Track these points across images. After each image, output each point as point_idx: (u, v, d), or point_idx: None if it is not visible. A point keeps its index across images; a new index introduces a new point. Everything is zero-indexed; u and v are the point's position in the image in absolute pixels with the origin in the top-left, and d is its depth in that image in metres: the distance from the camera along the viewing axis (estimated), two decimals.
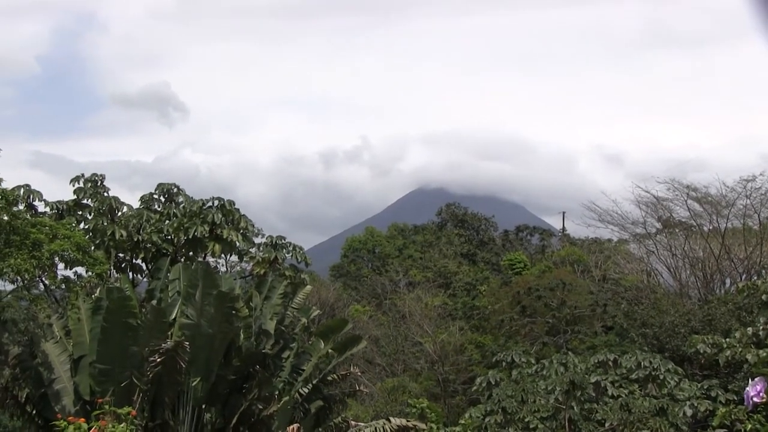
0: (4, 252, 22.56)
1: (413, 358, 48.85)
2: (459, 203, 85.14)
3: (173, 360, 20.20)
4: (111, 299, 21.32)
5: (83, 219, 30.88)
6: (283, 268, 31.41)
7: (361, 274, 74.00)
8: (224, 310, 21.42)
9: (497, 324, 48.74)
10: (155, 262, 28.09)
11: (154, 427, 21.27)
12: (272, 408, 21.44)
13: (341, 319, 29.05)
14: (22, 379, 23.60)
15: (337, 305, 53.99)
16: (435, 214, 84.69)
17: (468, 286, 62.64)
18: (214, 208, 31.24)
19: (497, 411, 22.44)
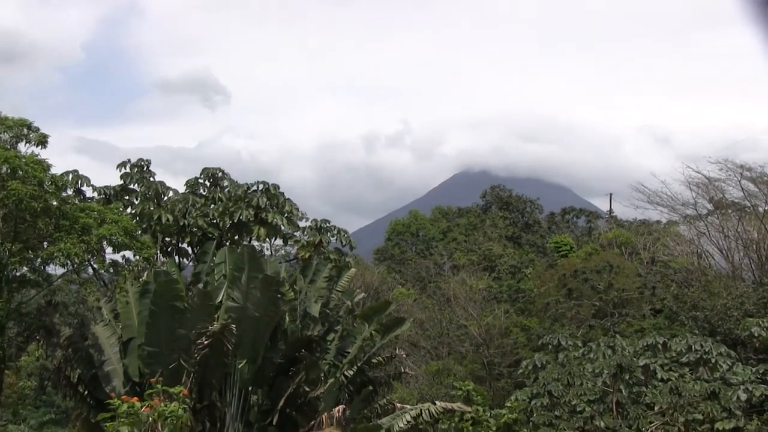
0: (55, 236, 22.86)
1: (458, 341, 48.68)
2: (503, 186, 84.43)
3: (220, 342, 20.28)
4: (158, 283, 21.46)
5: (130, 204, 31.16)
6: (327, 252, 31.41)
7: (405, 258, 73.88)
8: (270, 294, 21.45)
9: (543, 307, 48.36)
10: (201, 246, 28.25)
11: (202, 409, 21.41)
12: (319, 390, 21.46)
13: (385, 302, 28.95)
14: (73, 360, 23.91)
15: (381, 289, 53.95)
16: (479, 197, 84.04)
17: (513, 269, 62.26)
18: (259, 192, 31.32)
19: (543, 394, 22.29)
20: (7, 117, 23.52)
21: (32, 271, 24.19)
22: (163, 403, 12.40)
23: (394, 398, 29.27)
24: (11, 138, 23.38)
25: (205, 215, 30.43)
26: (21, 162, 22.23)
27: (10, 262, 23.18)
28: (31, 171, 22.25)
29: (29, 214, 22.49)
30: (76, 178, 29.60)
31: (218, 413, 21.52)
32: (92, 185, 30.83)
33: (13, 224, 22.89)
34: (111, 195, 31.10)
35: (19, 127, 23.46)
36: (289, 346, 22.23)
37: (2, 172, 22.17)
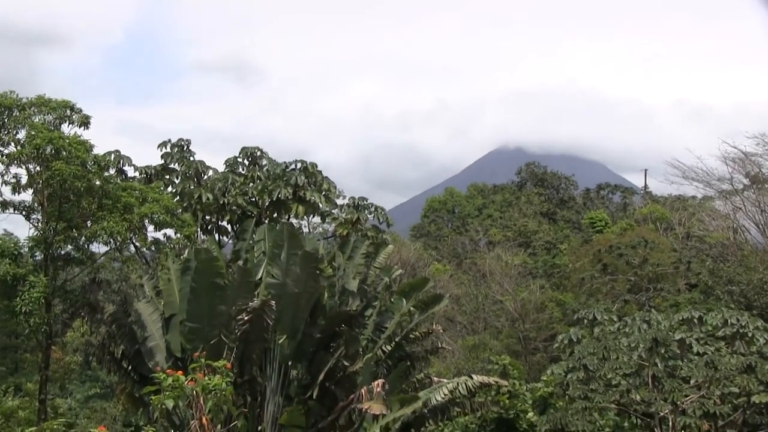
0: (98, 215, 23.08)
1: (494, 316, 48.65)
2: (538, 162, 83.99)
3: (260, 318, 20.39)
4: (199, 260, 21.59)
5: (171, 183, 31.37)
6: (365, 229, 31.42)
7: (441, 234, 73.87)
8: (309, 270, 21.51)
9: (578, 282, 48.12)
10: (240, 224, 28.38)
11: (243, 383, 21.57)
12: (357, 365, 21.52)
13: (422, 278, 28.90)
14: (117, 336, 24.18)
15: (417, 265, 53.98)
16: (514, 174, 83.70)
17: (548, 245, 62.02)
18: (297, 170, 31.35)
19: (579, 368, 22.12)
20: (50, 99, 23.70)
21: (76, 250, 24.40)
22: (206, 377, 12.49)
23: (431, 372, 29.31)
24: (55, 119, 23.57)
25: (244, 194, 30.55)
26: (65, 143, 22.43)
27: (55, 240, 23.42)
28: (74, 151, 22.44)
29: (73, 193, 22.71)
30: (118, 158, 29.84)
31: (259, 388, 21.69)
32: (133, 165, 31.08)
33: (57, 204, 23.12)
34: (152, 174, 31.34)
35: (62, 108, 23.64)
36: (328, 321, 22.30)
37: (47, 153, 22.38)
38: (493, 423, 25.91)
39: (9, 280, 21.90)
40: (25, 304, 21.46)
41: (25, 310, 21.53)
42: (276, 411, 21.29)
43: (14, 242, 23.07)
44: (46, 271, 23.04)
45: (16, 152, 22.81)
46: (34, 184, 23.22)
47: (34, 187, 23.33)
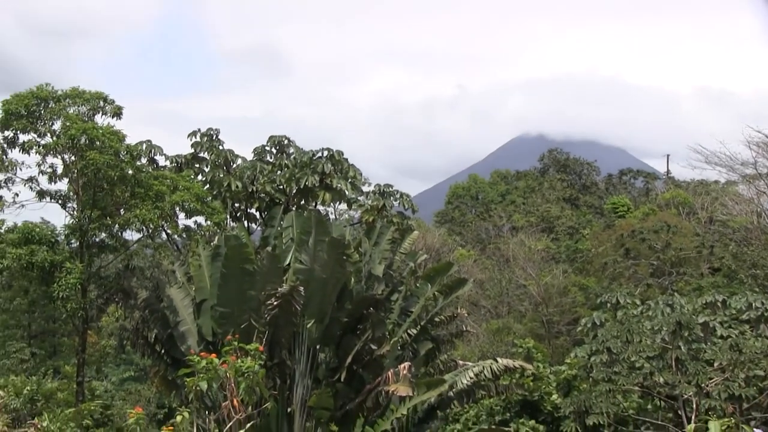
0: (131, 203, 23.27)
1: (517, 300, 48.54)
2: (560, 149, 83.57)
3: (289, 303, 20.43)
4: (229, 246, 21.66)
5: (201, 171, 31.56)
6: (390, 215, 31.44)
7: (465, 220, 73.78)
8: (336, 256, 21.51)
9: (600, 266, 47.84)
10: (269, 211, 28.47)
11: (272, 366, 21.64)
12: (384, 348, 21.50)
13: (447, 263, 28.82)
14: (150, 321, 24.32)
15: (442, 250, 53.91)
16: (537, 160, 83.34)
17: (571, 230, 61.75)
18: (323, 158, 31.43)
19: (602, 351, 22.00)
20: (84, 90, 23.87)
21: (110, 237, 24.63)
22: (239, 359, 12.56)
23: (456, 356, 29.30)
24: (88, 110, 23.75)
25: (272, 181, 30.66)
26: (98, 133, 22.60)
27: (90, 228, 23.65)
28: (107, 141, 22.61)
29: (107, 182, 22.90)
30: (149, 147, 30.07)
31: (288, 371, 21.75)
32: (164, 154, 31.34)
33: (91, 192, 23.34)
34: (182, 163, 31.54)
35: (96, 99, 23.81)
36: (355, 305, 22.31)
37: (81, 143, 22.57)
38: (517, 405, 25.90)
39: (47, 266, 22.16)
40: (62, 290, 21.71)
41: (62, 296, 21.78)
42: (305, 393, 21.36)
43: (51, 230, 23.34)
44: (81, 258, 23.27)
45: (52, 143, 23.03)
46: (70, 173, 23.45)
47: (70, 177, 23.55)
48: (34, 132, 23.36)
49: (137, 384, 45.13)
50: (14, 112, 22.91)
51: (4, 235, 22.63)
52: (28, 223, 23.05)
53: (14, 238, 22.38)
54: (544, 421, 25.43)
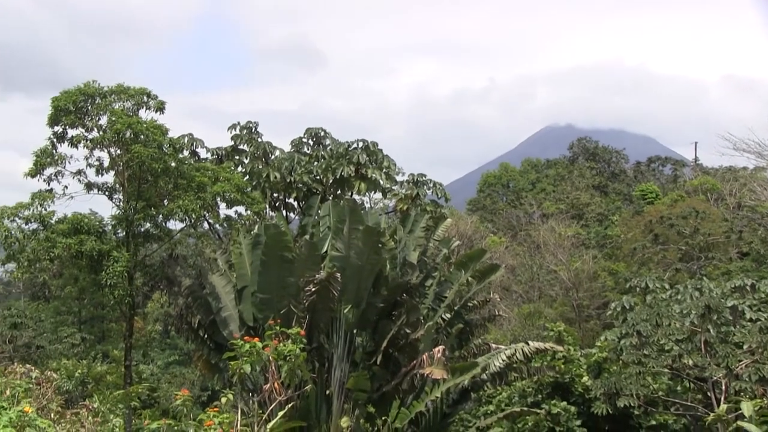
0: (174, 194, 23.46)
1: (548, 285, 48.33)
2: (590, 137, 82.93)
3: (326, 289, 20.50)
4: (268, 235, 21.77)
5: (240, 163, 31.77)
6: (424, 204, 31.43)
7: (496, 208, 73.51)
8: (371, 243, 21.54)
9: (629, 252, 47.47)
10: (306, 201, 28.59)
11: (311, 350, 21.77)
12: (419, 332, 21.52)
13: (480, 249, 28.73)
14: (193, 307, 24.52)
15: (474, 237, 53.76)
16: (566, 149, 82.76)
17: (600, 217, 61.28)
18: (359, 149, 31.49)
19: (632, 334, 21.85)
20: (128, 87, 24.09)
21: (155, 227, 24.84)
22: (281, 343, 12.64)
23: (488, 339, 29.26)
24: (133, 106, 23.97)
25: (309, 172, 30.78)
26: (142, 127, 22.81)
27: (136, 218, 23.88)
28: (151, 135, 22.82)
29: (151, 174, 23.11)
30: (191, 140, 30.33)
31: (326, 354, 21.85)
32: (205, 147, 31.61)
33: (137, 184, 23.56)
34: (223, 155, 31.77)
35: (140, 95, 24.02)
36: (391, 291, 22.33)
37: (126, 137, 22.80)
38: (549, 387, 25.80)
39: (95, 255, 22.43)
40: (109, 278, 21.97)
41: (109, 283, 22.05)
42: (343, 376, 21.45)
43: (99, 221, 23.60)
44: (127, 247, 23.53)
45: (98, 137, 23.29)
46: (116, 166, 23.69)
47: (116, 169, 23.80)
48: (81, 127, 23.63)
49: (181, 368, 45.67)
50: (63, 108, 23.19)
51: (54, 225, 22.91)
52: (78, 214, 23.32)
53: (64, 228, 22.66)
54: (575, 402, 25.32)
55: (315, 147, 32.98)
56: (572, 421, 24.52)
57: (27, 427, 10.33)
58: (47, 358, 39.75)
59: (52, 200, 23.30)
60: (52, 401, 15.19)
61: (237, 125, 32.47)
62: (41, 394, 14.96)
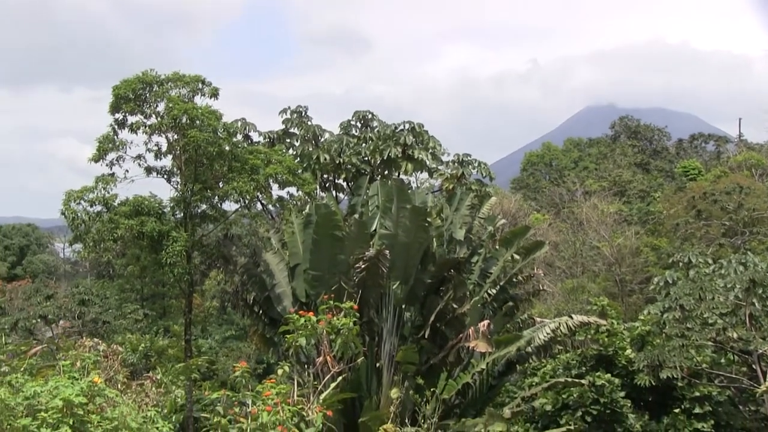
0: (228, 177, 23.65)
1: (591, 261, 47.85)
2: (631, 116, 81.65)
3: (375, 266, 20.60)
4: (319, 214, 21.93)
5: (291, 146, 31.92)
6: (469, 183, 31.30)
7: (539, 186, 72.94)
8: (418, 222, 21.57)
9: (672, 228, 46.70)
10: (355, 181, 28.66)
11: (361, 325, 21.89)
12: (465, 307, 21.53)
13: (524, 226, 28.56)
14: (248, 284, 24.81)
15: (518, 215, 53.40)
16: (608, 128, 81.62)
17: (642, 194, 60.41)
18: (405, 131, 31.44)
19: (675, 308, 21.57)
20: (184, 74, 24.27)
21: (211, 208, 25.03)
22: (335, 317, 12.76)
23: (533, 313, 29.14)
24: (189, 92, 24.13)
25: (357, 153, 30.83)
26: (198, 113, 23.00)
27: (193, 200, 24.14)
28: (206, 120, 23.01)
29: (206, 158, 23.30)
30: (244, 125, 30.57)
31: (376, 329, 21.98)
32: (258, 131, 31.80)
33: (193, 167, 23.78)
34: (274, 138, 31.95)
35: (195, 82, 24.18)
36: (438, 267, 22.35)
37: (183, 123, 23.02)
38: (592, 359, 25.63)
39: (155, 235, 22.73)
40: (169, 257, 22.27)
41: (169, 262, 22.35)
42: (392, 349, 21.57)
43: (158, 202, 23.88)
44: (185, 228, 23.80)
45: (156, 123, 23.53)
46: (173, 150, 23.91)
47: (173, 154, 24.02)
48: (140, 113, 23.88)
49: (238, 342, 46.29)
50: (123, 96, 23.47)
51: (117, 207, 23.23)
52: (138, 197, 23.60)
53: (126, 210, 22.99)
54: (619, 374, 25.12)
55: (363, 129, 33.00)
56: (616, 393, 24.34)
57: (96, 397, 10.58)
58: (113, 333, 40.64)
59: (115, 184, 23.61)
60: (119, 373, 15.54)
61: (288, 109, 32.61)
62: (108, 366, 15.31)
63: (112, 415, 10.32)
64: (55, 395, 9.96)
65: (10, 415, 9.86)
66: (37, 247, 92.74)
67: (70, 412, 9.96)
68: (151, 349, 35.22)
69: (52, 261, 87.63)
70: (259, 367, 38.68)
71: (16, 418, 9.84)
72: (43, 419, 9.70)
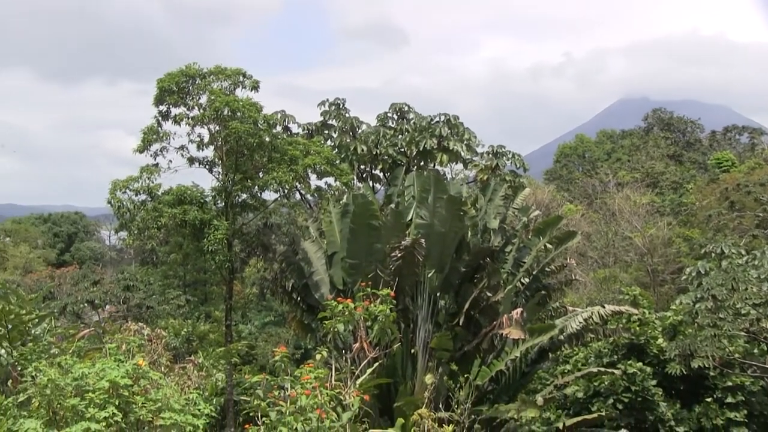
0: (268, 167, 23.76)
1: (623, 251, 47.31)
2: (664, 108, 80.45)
3: (411, 255, 20.57)
4: (356, 204, 21.94)
5: (329, 137, 31.96)
6: (503, 174, 31.12)
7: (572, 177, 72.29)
8: (454, 211, 21.49)
9: (705, 219, 46.00)
10: (392, 172, 28.64)
11: (397, 312, 21.90)
12: (499, 295, 21.43)
13: (557, 216, 28.31)
14: (287, 272, 24.92)
15: (551, 205, 52.97)
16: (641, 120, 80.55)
17: (675, 185, 59.54)
18: (440, 123, 31.32)
19: (707, 298, 21.19)
20: (225, 68, 24.39)
21: (251, 197, 25.17)
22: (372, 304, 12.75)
23: (565, 302, 28.91)
24: (230, 85, 24.25)
25: (394, 145, 30.78)
26: (239, 105, 23.12)
27: (233, 190, 24.29)
28: (247, 112, 23.11)
29: (247, 148, 23.42)
30: (283, 116, 30.66)
31: (411, 316, 21.96)
32: (297, 122, 31.87)
33: (234, 158, 23.93)
34: (313, 130, 32.01)
35: (236, 75, 24.29)
36: (472, 256, 22.26)
37: (224, 115, 23.16)
38: (624, 348, 25.34)
39: (197, 224, 22.93)
40: (211, 244, 22.45)
41: (211, 249, 22.53)
42: (427, 336, 21.55)
43: (200, 192, 24.06)
44: (226, 216, 23.96)
45: (199, 115, 23.70)
46: (215, 141, 24.07)
47: (215, 145, 24.17)
48: (183, 106, 24.06)
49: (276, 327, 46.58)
50: (167, 89, 23.67)
51: (161, 196, 23.46)
52: (181, 186, 23.80)
53: (169, 199, 23.21)
54: (650, 363, 24.80)
55: (399, 121, 32.94)
56: (647, 381, 24.04)
57: (141, 379, 10.71)
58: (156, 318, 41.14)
59: (158, 174, 23.83)
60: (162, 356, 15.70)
61: (326, 102, 32.66)
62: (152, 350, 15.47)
63: (155, 396, 10.44)
64: (102, 377, 10.10)
65: (60, 395, 10.02)
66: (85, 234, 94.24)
67: (116, 393, 10.09)
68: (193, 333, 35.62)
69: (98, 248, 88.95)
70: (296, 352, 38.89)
71: (65, 397, 10.00)
72: (91, 399, 9.84)
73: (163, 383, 11.05)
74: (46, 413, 10.08)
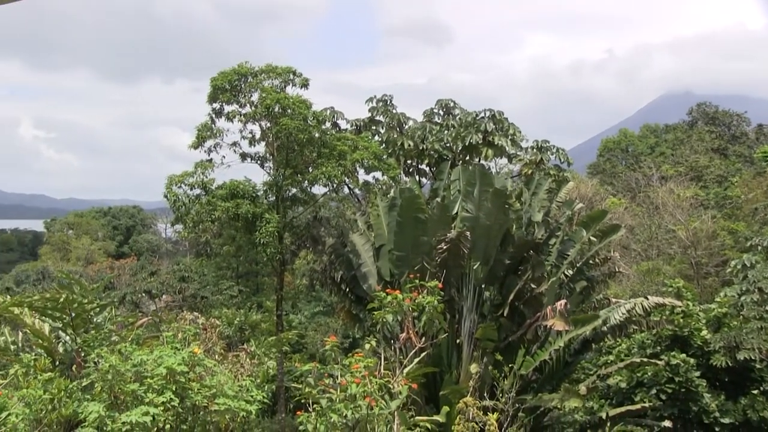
0: (318, 162, 23.87)
1: (666, 244, 46.49)
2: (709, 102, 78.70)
3: (457, 247, 20.51)
4: (403, 198, 21.92)
5: (377, 132, 31.96)
6: (547, 168, 30.81)
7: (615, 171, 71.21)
8: (498, 205, 21.36)
9: (750, 212, 44.92)
10: (437, 167, 28.52)
11: (443, 303, 21.88)
12: (543, 287, 21.26)
13: (601, 210, 27.97)
14: (336, 263, 25.04)
15: (595, 199, 52.26)
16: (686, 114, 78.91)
17: (719, 178, 58.29)
18: (486, 118, 31.12)
19: (753, 291, 20.76)
20: (276, 66, 24.55)
21: (301, 192, 25.32)
22: (420, 295, 12.77)
23: (609, 294, 28.56)
24: (280, 83, 24.39)
25: (440, 140, 30.68)
26: (289, 102, 23.25)
27: (284, 184, 24.45)
28: (297, 109, 23.23)
29: (297, 144, 23.54)
30: (332, 113, 30.74)
31: (457, 307, 21.91)
32: (345, 119, 31.95)
33: (285, 153, 24.07)
34: (361, 126, 32.05)
35: (286, 73, 24.43)
36: (517, 249, 22.11)
37: (275, 112, 23.30)
38: (667, 339, 24.95)
39: (249, 217, 23.14)
40: (262, 237, 22.64)
41: (262, 242, 22.72)
42: (472, 327, 21.47)
43: (252, 186, 24.26)
44: (277, 210, 24.13)
45: (251, 112, 23.88)
46: (266, 137, 24.25)
47: (266, 141, 24.35)
48: (236, 103, 24.28)
49: (326, 317, 46.84)
50: (220, 87, 23.91)
51: (215, 191, 23.72)
52: (234, 181, 24.03)
53: (223, 193, 23.46)
54: (694, 354, 24.38)
55: (445, 117, 32.82)
56: (691, 372, 23.64)
57: (196, 366, 10.86)
58: (210, 307, 41.70)
59: (212, 169, 24.11)
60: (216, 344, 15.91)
61: (373, 98, 32.68)
62: (207, 338, 15.68)
63: (210, 383, 10.59)
64: (160, 363, 10.27)
65: (120, 380, 10.23)
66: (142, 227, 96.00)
67: (173, 380, 10.26)
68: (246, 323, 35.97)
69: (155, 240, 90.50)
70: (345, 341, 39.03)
71: (125, 382, 10.20)
72: (149, 385, 10.03)
73: (218, 370, 11.20)
74: (107, 397, 10.30)
